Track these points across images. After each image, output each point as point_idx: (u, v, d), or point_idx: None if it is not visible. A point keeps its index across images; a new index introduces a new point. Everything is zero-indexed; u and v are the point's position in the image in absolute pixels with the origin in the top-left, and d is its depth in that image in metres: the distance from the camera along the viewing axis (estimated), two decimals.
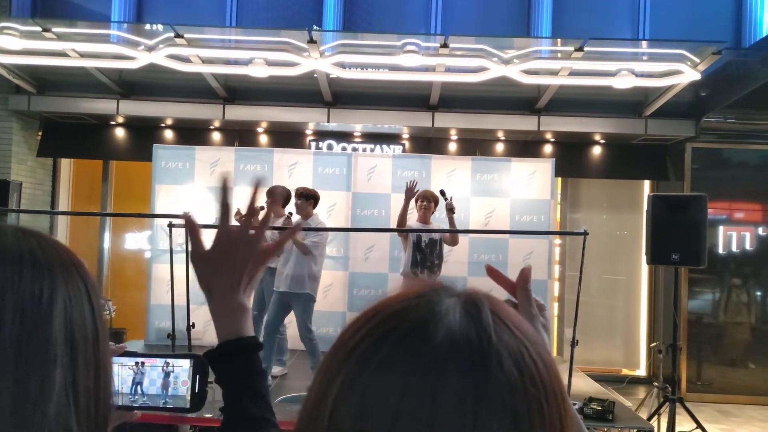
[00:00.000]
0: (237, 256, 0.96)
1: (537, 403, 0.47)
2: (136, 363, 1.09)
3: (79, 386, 0.66)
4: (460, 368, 0.46)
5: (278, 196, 5.84)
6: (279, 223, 5.62)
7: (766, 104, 7.26)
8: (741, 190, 7.83)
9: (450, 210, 5.82)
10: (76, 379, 0.66)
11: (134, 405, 1.06)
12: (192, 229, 0.97)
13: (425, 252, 5.91)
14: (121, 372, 1.08)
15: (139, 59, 6.62)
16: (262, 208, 1.05)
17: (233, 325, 0.98)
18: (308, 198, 5.81)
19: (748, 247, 7.77)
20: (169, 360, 1.09)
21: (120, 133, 8.26)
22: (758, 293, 7.76)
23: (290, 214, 5.75)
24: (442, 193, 5.91)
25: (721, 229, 7.78)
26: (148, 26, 7.57)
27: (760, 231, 7.78)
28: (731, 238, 7.78)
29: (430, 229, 6.03)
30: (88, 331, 0.69)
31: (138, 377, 1.09)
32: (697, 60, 6.37)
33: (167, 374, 1.09)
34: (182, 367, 1.08)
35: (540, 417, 0.46)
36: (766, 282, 7.64)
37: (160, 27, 6.97)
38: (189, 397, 1.06)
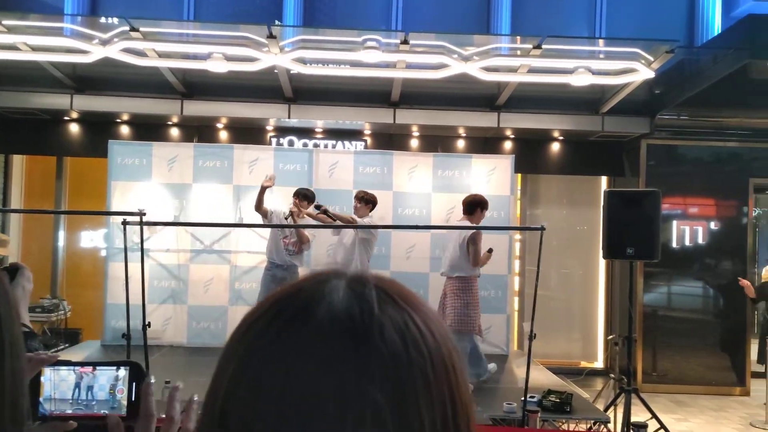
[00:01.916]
0: None
1: (422, 371, 0.47)
2: (72, 371, 1.06)
3: None
4: (342, 343, 0.46)
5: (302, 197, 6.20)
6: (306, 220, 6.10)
7: (717, 102, 7.47)
8: (694, 185, 8.03)
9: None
10: None
11: (68, 414, 1.03)
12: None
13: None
14: (54, 379, 1.05)
15: (94, 53, 6.47)
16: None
17: None
18: (367, 202, 6.20)
19: (700, 241, 7.98)
20: (105, 368, 1.07)
21: (74, 128, 8.06)
22: (710, 286, 7.98)
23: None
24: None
25: (674, 223, 7.98)
26: (102, 19, 7.42)
27: (712, 225, 8.00)
28: (685, 232, 7.98)
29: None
30: None
31: (73, 386, 1.06)
32: (651, 58, 6.51)
33: (103, 382, 1.06)
34: (118, 375, 1.06)
35: (426, 385, 0.47)
36: (718, 275, 7.85)
37: (115, 20, 6.83)
38: (126, 405, 1.04)
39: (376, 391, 0.45)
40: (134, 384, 1.06)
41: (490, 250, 5.82)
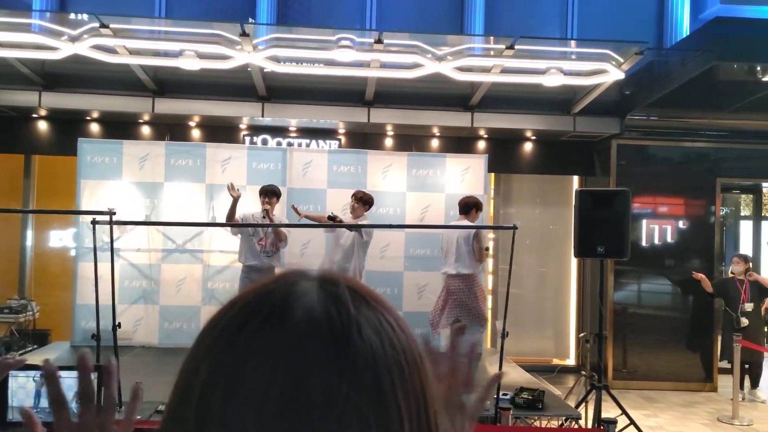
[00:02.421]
0: None
1: (397, 363, 0.49)
2: (39, 376, 1.03)
3: None
4: (323, 342, 0.47)
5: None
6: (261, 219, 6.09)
7: (686, 103, 7.61)
8: (663, 185, 8.17)
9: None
10: None
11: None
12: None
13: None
14: (13, 387, 1.03)
15: (63, 50, 6.36)
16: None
17: None
18: (365, 202, 6.23)
19: (669, 239, 8.12)
20: (72, 372, 1.05)
21: (43, 126, 7.92)
22: (679, 284, 8.12)
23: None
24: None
25: (644, 222, 8.11)
26: (72, 16, 7.30)
27: (681, 224, 8.15)
28: (654, 231, 8.11)
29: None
30: None
31: (41, 391, 1.03)
32: (621, 60, 6.61)
33: (71, 387, 1.04)
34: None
35: (401, 376, 0.49)
36: (687, 273, 7.99)
37: (84, 16, 6.73)
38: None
39: (359, 383, 0.46)
40: (103, 389, 1.04)
41: (486, 248, 6.18)
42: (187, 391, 0.49)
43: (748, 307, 7.27)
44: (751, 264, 7.72)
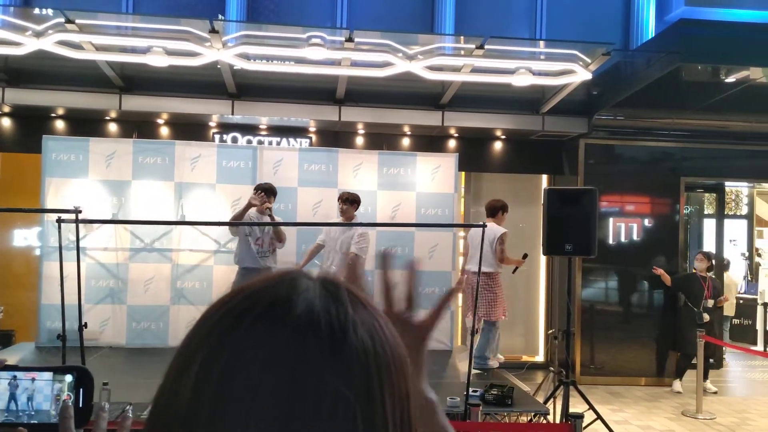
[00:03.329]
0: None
1: (386, 364, 0.51)
2: (14, 377, 1.01)
3: None
4: (321, 337, 0.49)
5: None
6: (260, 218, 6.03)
7: (651, 103, 7.75)
8: (629, 184, 8.32)
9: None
10: None
11: (11, 422, 0.99)
12: None
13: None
14: None
15: (27, 45, 6.22)
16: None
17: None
18: (353, 202, 6.22)
19: (635, 237, 8.27)
20: (48, 374, 1.03)
21: (6, 123, 7.74)
22: (645, 281, 8.28)
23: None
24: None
25: (611, 220, 8.25)
26: (36, 10, 7.14)
27: (646, 222, 8.31)
28: (620, 229, 8.26)
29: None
30: None
31: (17, 392, 1.01)
32: (589, 60, 6.70)
33: (47, 391, 1.02)
34: (65, 381, 1.03)
35: (389, 376, 0.51)
36: (652, 270, 8.14)
37: (49, 11, 6.58)
38: (73, 414, 1.01)
39: (350, 385, 0.48)
40: (81, 390, 1.02)
41: (524, 256, 6.57)
42: (182, 377, 0.49)
43: (711, 303, 7.49)
44: (713, 261, 7.93)
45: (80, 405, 1.01)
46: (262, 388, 0.46)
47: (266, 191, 6.08)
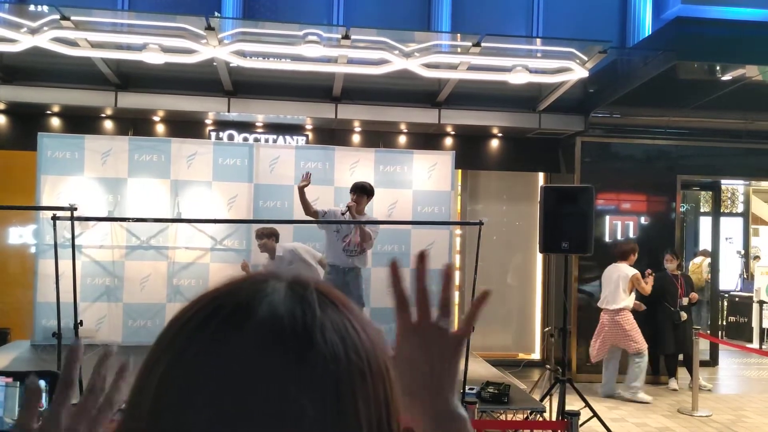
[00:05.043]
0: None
1: (359, 371, 0.48)
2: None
3: None
4: (283, 342, 0.46)
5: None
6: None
7: (648, 101, 7.76)
8: (626, 182, 8.32)
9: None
10: None
11: None
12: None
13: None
14: None
15: (22, 42, 6.19)
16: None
17: None
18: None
19: (631, 235, 8.28)
20: (21, 378, 1.01)
21: (1, 120, 7.71)
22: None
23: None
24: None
25: (607, 218, 8.26)
26: (31, 7, 7.11)
27: (643, 220, 8.32)
28: (617, 227, 8.27)
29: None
30: None
31: None
32: (586, 58, 6.70)
33: (18, 394, 1.00)
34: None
35: (363, 384, 0.48)
36: (648, 268, 8.14)
37: (44, 8, 6.57)
38: None
39: (317, 388, 0.46)
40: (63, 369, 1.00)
41: (651, 273, 7.40)
42: (147, 381, 0.48)
43: (685, 301, 7.55)
44: (682, 260, 8.01)
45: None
46: (225, 394, 0.45)
47: (356, 190, 5.82)
